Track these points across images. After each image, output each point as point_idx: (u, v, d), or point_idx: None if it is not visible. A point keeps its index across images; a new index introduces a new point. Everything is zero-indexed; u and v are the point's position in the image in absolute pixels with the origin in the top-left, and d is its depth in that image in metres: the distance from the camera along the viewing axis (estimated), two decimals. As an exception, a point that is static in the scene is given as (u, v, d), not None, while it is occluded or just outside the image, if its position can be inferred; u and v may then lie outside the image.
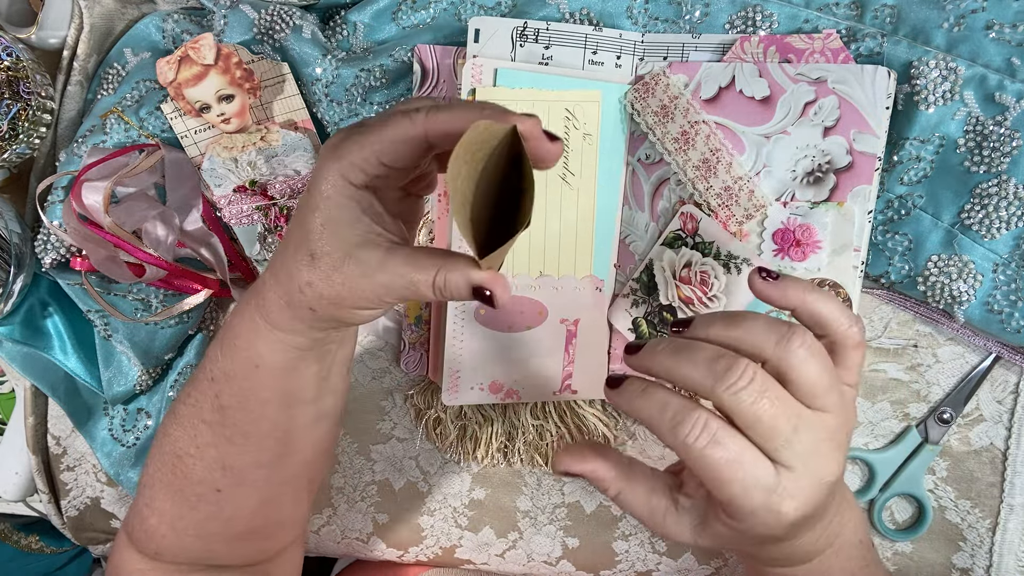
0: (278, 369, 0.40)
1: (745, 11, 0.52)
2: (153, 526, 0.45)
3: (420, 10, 0.54)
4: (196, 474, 0.43)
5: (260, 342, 0.39)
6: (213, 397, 0.42)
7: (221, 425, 0.42)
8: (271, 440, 0.43)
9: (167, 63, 0.53)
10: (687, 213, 0.52)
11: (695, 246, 0.53)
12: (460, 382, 0.55)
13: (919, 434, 0.56)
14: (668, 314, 0.54)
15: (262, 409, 0.41)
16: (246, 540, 0.47)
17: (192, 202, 0.57)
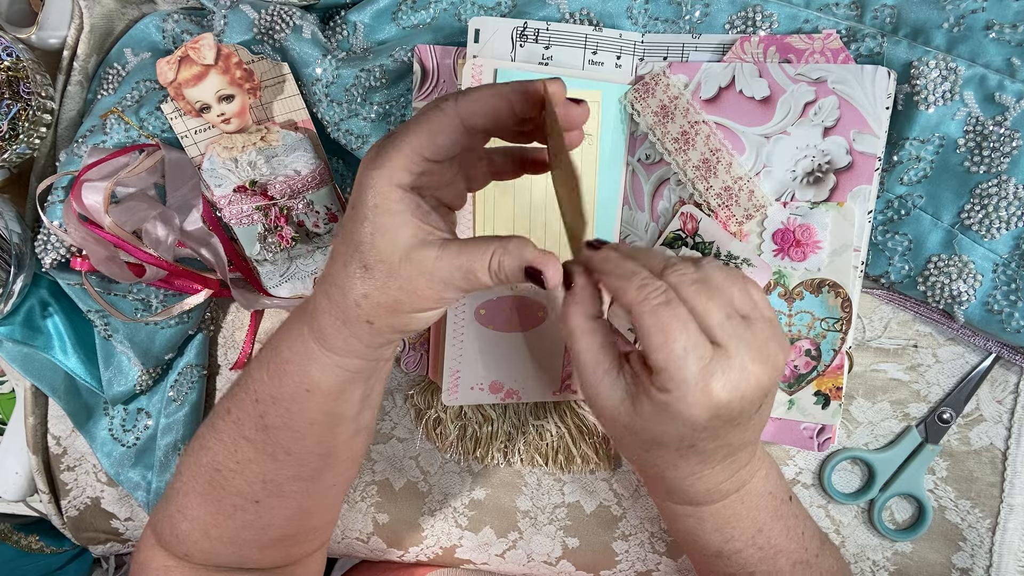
0: (330, 394, 0.40)
1: (745, 11, 0.52)
2: (185, 531, 0.45)
3: (420, 10, 0.54)
4: (235, 487, 0.44)
5: (314, 368, 0.39)
6: (258, 417, 0.42)
7: (264, 443, 0.42)
8: (313, 456, 0.43)
9: (167, 63, 0.53)
10: (687, 213, 0.52)
11: (695, 246, 0.52)
12: (460, 382, 0.55)
13: (919, 434, 0.56)
14: None
15: (308, 429, 0.42)
16: (279, 546, 0.47)
17: (192, 202, 0.57)
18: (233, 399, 0.43)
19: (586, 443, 0.59)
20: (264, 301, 0.60)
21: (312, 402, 0.41)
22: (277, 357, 0.41)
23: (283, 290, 0.61)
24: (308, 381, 0.40)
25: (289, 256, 0.60)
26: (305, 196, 0.58)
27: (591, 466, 0.60)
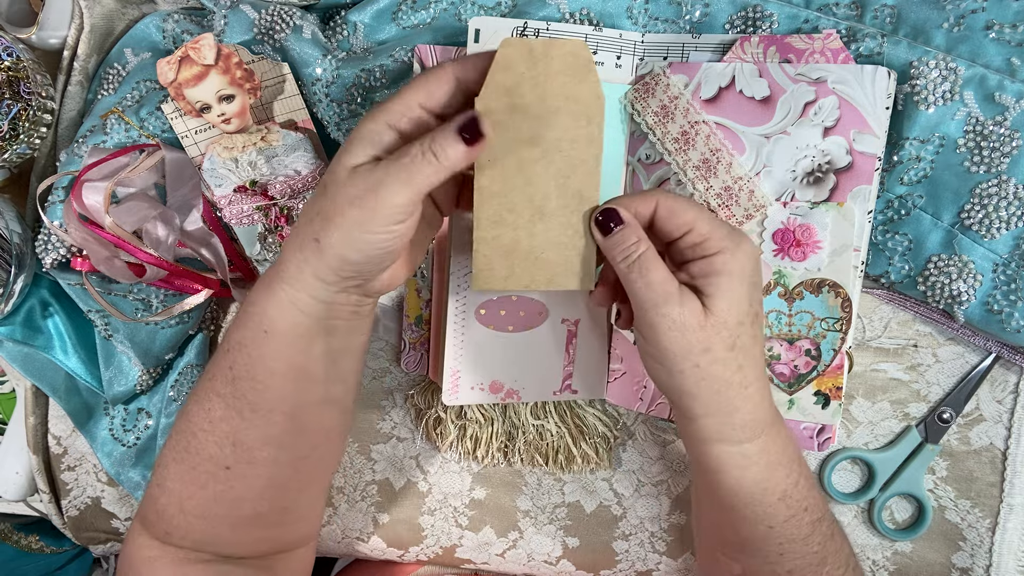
0: (286, 337, 0.42)
1: (745, 11, 0.52)
2: (163, 505, 0.46)
3: (420, 10, 0.54)
4: (207, 450, 0.44)
5: (271, 306, 0.41)
6: (227, 369, 0.43)
7: (233, 397, 0.43)
8: (278, 415, 0.44)
9: (167, 63, 0.53)
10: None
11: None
12: (460, 382, 0.55)
13: (919, 434, 0.56)
14: None
15: (270, 379, 0.43)
16: (251, 526, 0.47)
17: (192, 202, 0.57)
18: (212, 359, 0.45)
19: (586, 443, 0.59)
20: (264, 301, 0.60)
21: (271, 346, 0.42)
22: (245, 304, 0.43)
23: (283, 290, 0.61)
24: (265, 321, 0.42)
25: (289, 256, 0.60)
26: (305, 196, 0.58)
27: (591, 466, 0.60)
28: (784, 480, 0.43)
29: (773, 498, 0.43)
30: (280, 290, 0.41)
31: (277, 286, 0.41)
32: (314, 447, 0.47)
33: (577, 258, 0.42)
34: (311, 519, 0.52)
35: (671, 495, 0.61)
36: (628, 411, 0.60)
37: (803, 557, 0.44)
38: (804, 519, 0.44)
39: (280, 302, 0.41)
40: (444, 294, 0.54)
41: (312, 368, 0.44)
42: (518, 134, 0.40)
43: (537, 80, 0.39)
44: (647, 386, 0.57)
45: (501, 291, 0.45)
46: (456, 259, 0.53)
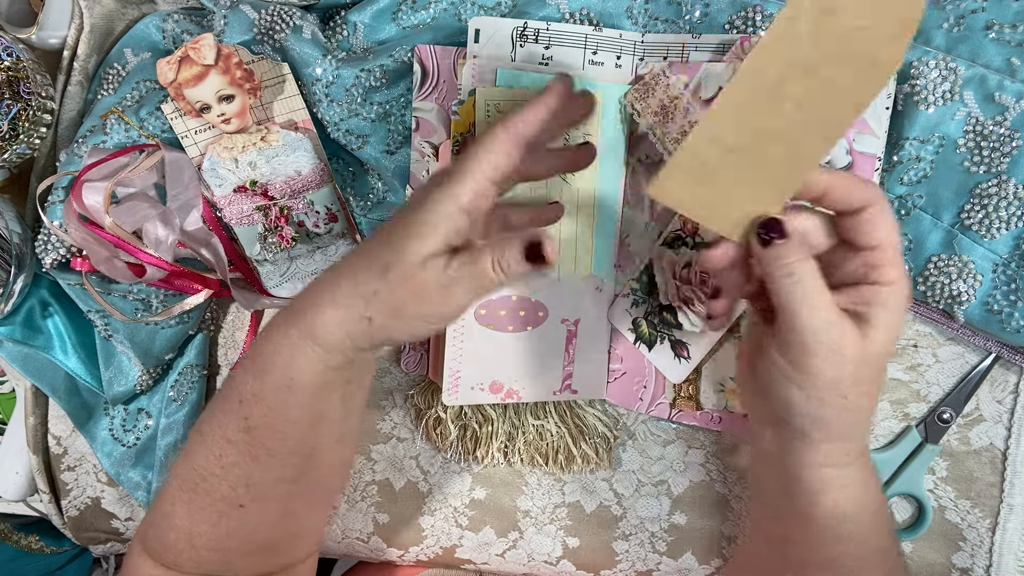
0: (311, 389, 0.41)
1: (745, 11, 0.52)
2: (172, 541, 0.46)
3: (420, 10, 0.54)
4: (219, 492, 0.44)
5: (298, 361, 0.41)
6: (241, 419, 0.42)
7: (248, 444, 0.43)
8: (297, 458, 0.44)
9: (167, 63, 0.53)
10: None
11: (695, 246, 0.52)
12: (460, 382, 0.55)
13: (919, 434, 0.56)
14: (668, 314, 0.54)
15: (291, 429, 0.42)
16: (263, 554, 0.47)
17: (192, 202, 0.57)
18: (218, 405, 0.44)
19: (586, 443, 0.59)
20: (264, 301, 0.61)
21: (294, 398, 0.41)
22: (261, 356, 0.42)
23: (283, 290, 0.61)
24: (290, 375, 0.41)
25: (289, 256, 0.60)
26: (305, 196, 0.58)
27: (591, 466, 0.60)
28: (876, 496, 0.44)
29: (867, 515, 0.43)
30: (310, 349, 0.40)
31: (307, 345, 0.40)
32: (328, 479, 0.48)
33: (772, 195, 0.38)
34: (317, 536, 0.52)
35: (671, 495, 0.61)
36: (628, 411, 0.60)
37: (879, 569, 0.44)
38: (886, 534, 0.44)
39: (309, 360, 0.40)
40: (444, 294, 0.54)
41: (331, 412, 0.44)
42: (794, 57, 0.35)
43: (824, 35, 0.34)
44: (647, 386, 0.57)
45: (669, 207, 0.41)
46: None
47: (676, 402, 0.57)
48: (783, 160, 0.38)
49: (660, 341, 0.55)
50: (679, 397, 0.57)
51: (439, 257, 0.38)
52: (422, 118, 0.55)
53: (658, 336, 0.55)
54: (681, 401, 0.57)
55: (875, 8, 0.34)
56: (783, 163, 0.38)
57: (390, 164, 0.56)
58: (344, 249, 0.60)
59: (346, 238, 0.60)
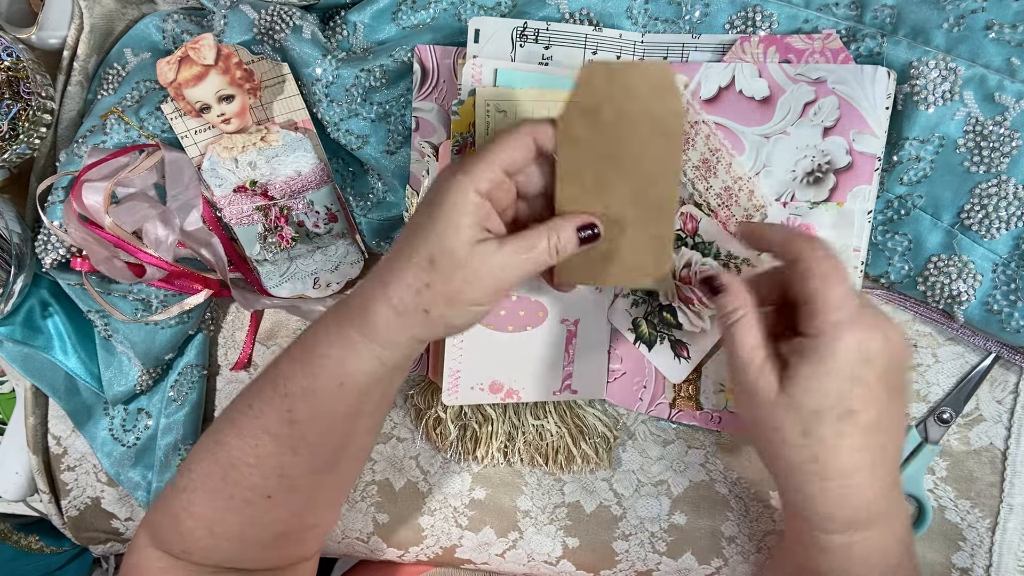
0: (361, 387, 0.42)
1: (745, 11, 0.52)
2: (189, 528, 0.46)
3: (420, 10, 0.54)
4: (251, 481, 0.44)
5: (352, 360, 0.41)
6: (285, 411, 0.43)
7: (289, 437, 0.43)
8: (330, 450, 0.44)
9: (167, 63, 0.53)
10: (687, 213, 0.52)
11: (695, 246, 0.53)
12: (460, 382, 0.55)
13: (919, 434, 0.56)
14: (668, 314, 0.54)
15: (334, 423, 0.43)
16: (279, 544, 0.48)
17: (192, 202, 0.57)
18: (256, 395, 0.44)
19: (586, 443, 0.59)
20: (264, 301, 0.61)
21: (344, 395, 0.42)
22: (313, 352, 0.43)
23: (283, 290, 0.61)
24: (343, 374, 0.42)
25: (289, 256, 0.60)
26: (305, 196, 0.58)
27: (591, 466, 0.60)
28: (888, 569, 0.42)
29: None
30: (365, 347, 0.41)
31: (362, 344, 0.41)
32: (352, 468, 0.49)
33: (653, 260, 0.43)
34: (328, 531, 0.53)
35: (671, 495, 0.61)
36: (628, 411, 0.60)
37: None
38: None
39: (363, 358, 0.41)
40: (444, 294, 0.55)
41: (371, 407, 0.44)
42: (595, 150, 0.41)
43: (616, 98, 0.39)
44: (647, 386, 0.57)
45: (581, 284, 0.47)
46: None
47: (676, 402, 0.57)
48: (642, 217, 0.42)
49: (660, 341, 0.55)
50: (679, 397, 0.57)
51: (487, 242, 0.39)
52: (422, 118, 0.55)
53: (658, 336, 0.55)
54: (681, 401, 0.57)
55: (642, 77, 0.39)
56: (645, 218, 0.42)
57: (390, 164, 0.56)
58: (344, 249, 0.60)
59: (346, 238, 0.60)
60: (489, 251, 0.39)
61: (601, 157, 0.41)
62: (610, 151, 0.41)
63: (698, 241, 0.52)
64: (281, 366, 0.44)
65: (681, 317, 0.54)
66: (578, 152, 0.41)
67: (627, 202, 0.42)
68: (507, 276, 0.39)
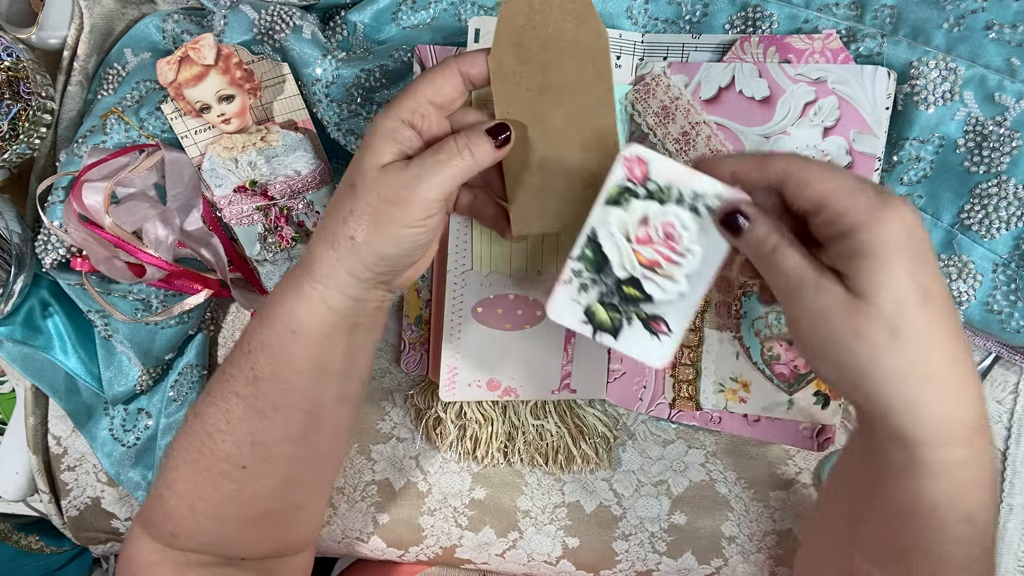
0: (313, 335, 0.43)
1: (745, 11, 0.52)
2: (172, 507, 0.46)
3: (420, 10, 0.54)
4: (224, 450, 0.45)
5: (300, 304, 0.42)
6: (248, 369, 0.44)
7: (254, 397, 0.44)
8: (299, 412, 0.44)
9: (167, 63, 0.53)
10: (632, 156, 0.40)
11: (649, 195, 0.41)
12: (457, 378, 0.55)
13: (919, 434, 0.56)
14: (630, 288, 0.42)
15: (294, 379, 0.43)
16: (261, 525, 0.47)
17: (192, 202, 0.57)
18: (229, 360, 0.45)
19: (586, 443, 0.59)
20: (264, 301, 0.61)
21: (298, 346, 0.43)
22: (270, 303, 0.44)
23: (283, 290, 0.61)
24: (294, 321, 0.42)
25: (289, 256, 0.60)
26: (305, 196, 0.58)
27: (591, 466, 0.60)
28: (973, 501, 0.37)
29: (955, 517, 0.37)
30: (311, 289, 0.42)
31: (307, 285, 0.42)
32: (328, 444, 0.48)
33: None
34: (315, 519, 0.52)
35: (671, 495, 0.61)
36: (628, 411, 0.60)
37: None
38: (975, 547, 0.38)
39: (310, 301, 0.42)
40: (443, 293, 0.54)
41: (334, 366, 0.44)
42: (530, 85, 0.41)
43: (539, 30, 0.40)
44: (647, 386, 0.57)
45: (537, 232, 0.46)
46: (453, 256, 0.53)
47: (676, 402, 0.57)
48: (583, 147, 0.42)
49: (627, 323, 0.43)
50: (679, 397, 0.57)
51: (400, 161, 0.40)
52: (422, 118, 0.55)
53: (622, 318, 0.43)
54: (681, 401, 0.57)
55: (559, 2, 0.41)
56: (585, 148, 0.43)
57: (390, 164, 0.56)
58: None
59: (346, 238, 0.60)
60: (401, 167, 0.40)
61: (535, 90, 0.41)
62: (542, 83, 0.41)
63: (652, 189, 0.41)
64: (248, 325, 0.45)
65: (648, 286, 0.42)
66: (513, 87, 0.41)
67: (568, 136, 0.42)
68: (424, 188, 0.39)
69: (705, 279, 0.40)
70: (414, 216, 0.40)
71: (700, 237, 0.40)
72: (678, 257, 0.41)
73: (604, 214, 0.41)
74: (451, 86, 0.41)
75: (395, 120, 0.40)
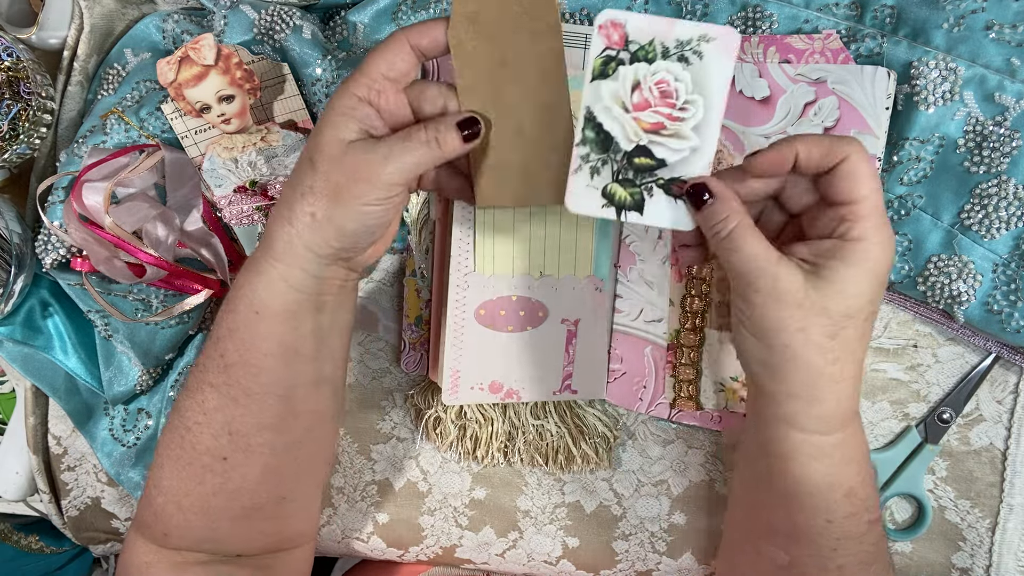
0: (277, 315, 0.42)
1: (745, 11, 0.52)
2: (160, 505, 0.46)
3: (420, 10, 0.54)
4: (204, 443, 0.45)
5: (261, 284, 0.42)
6: (219, 357, 0.44)
7: (227, 385, 0.44)
8: (272, 398, 0.44)
9: (167, 63, 0.53)
10: (606, 22, 0.40)
11: (634, 59, 0.40)
12: (460, 382, 0.55)
13: (919, 434, 0.56)
14: (642, 158, 0.41)
15: (263, 362, 0.43)
16: (250, 518, 0.47)
17: (192, 202, 0.57)
18: (202, 352, 0.46)
19: (586, 443, 0.59)
20: (264, 301, 0.60)
21: (263, 327, 0.43)
22: (233, 290, 0.44)
23: (283, 290, 0.61)
24: (256, 301, 0.42)
25: (289, 256, 0.60)
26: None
27: (591, 466, 0.60)
28: (853, 477, 0.42)
29: (839, 493, 0.42)
30: (270, 267, 0.42)
31: (266, 264, 0.42)
32: (308, 430, 0.48)
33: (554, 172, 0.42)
34: (308, 514, 0.52)
35: (671, 495, 0.61)
36: (628, 411, 0.60)
37: (855, 555, 0.43)
38: (863, 518, 0.43)
39: (271, 280, 0.42)
40: (444, 294, 0.54)
41: (303, 347, 0.44)
42: (489, 59, 0.41)
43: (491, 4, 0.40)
44: (647, 386, 0.57)
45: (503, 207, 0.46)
46: (455, 259, 0.53)
47: (676, 402, 0.57)
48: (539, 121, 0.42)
49: (648, 195, 0.42)
50: (679, 397, 0.57)
51: (366, 140, 0.40)
52: (422, 118, 0.55)
53: (642, 190, 0.42)
54: (681, 401, 0.57)
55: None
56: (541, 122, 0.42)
57: (390, 164, 0.56)
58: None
59: (346, 238, 0.60)
60: (367, 145, 0.39)
61: (493, 65, 0.41)
62: (500, 58, 0.41)
63: (635, 51, 0.40)
64: (217, 315, 0.45)
65: (659, 151, 0.41)
66: (472, 63, 0.41)
67: (526, 109, 0.42)
68: (389, 169, 0.39)
69: (714, 125, 0.40)
70: (376, 195, 0.40)
71: (696, 85, 0.40)
72: (680, 112, 0.40)
73: (595, 90, 0.41)
74: (403, 60, 0.41)
75: (351, 97, 0.40)
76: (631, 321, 0.56)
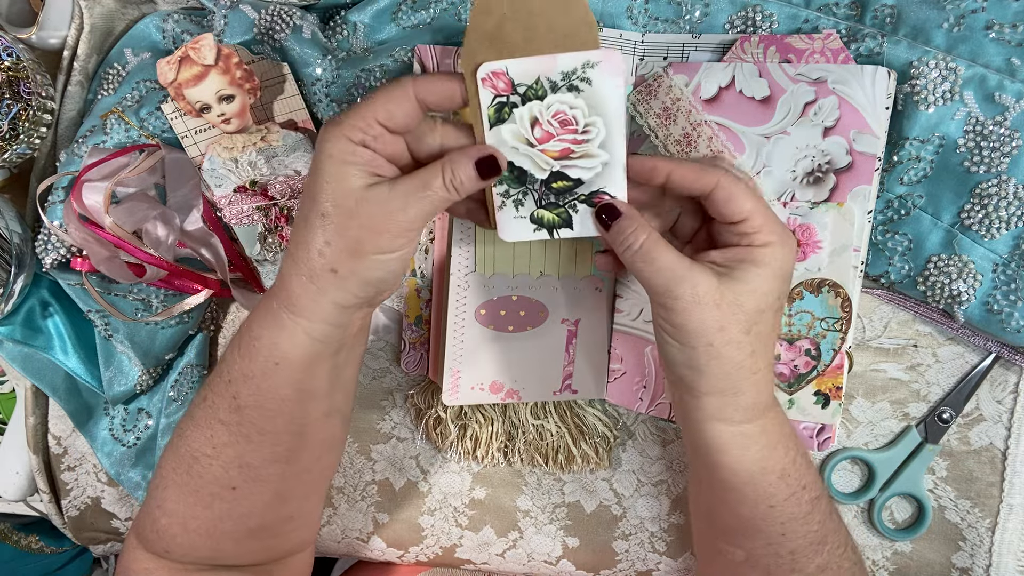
0: (298, 365, 0.42)
1: (745, 11, 0.52)
2: (164, 526, 0.46)
3: (420, 10, 0.54)
4: (212, 473, 0.44)
5: (283, 338, 0.41)
6: (231, 398, 0.43)
7: (239, 424, 0.43)
8: (287, 435, 0.44)
9: (167, 63, 0.53)
10: (487, 74, 0.40)
11: (525, 99, 0.41)
12: (460, 382, 0.55)
13: (919, 434, 0.56)
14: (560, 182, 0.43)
15: (280, 406, 0.43)
16: (255, 538, 0.47)
17: (192, 202, 0.57)
18: (208, 385, 0.45)
19: (586, 443, 0.59)
20: (264, 301, 0.60)
21: (281, 376, 0.42)
22: (248, 335, 0.42)
23: (283, 290, 0.61)
24: (277, 353, 0.41)
25: (289, 256, 0.60)
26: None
27: (591, 466, 0.60)
28: (783, 458, 0.43)
29: (773, 476, 0.43)
30: (293, 323, 0.41)
31: (288, 319, 0.41)
32: (318, 458, 0.48)
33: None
34: (312, 524, 0.52)
35: (671, 495, 0.61)
36: (628, 411, 0.60)
37: (804, 536, 0.44)
38: (804, 497, 0.44)
39: (293, 335, 0.41)
40: (444, 294, 0.54)
41: (319, 387, 0.44)
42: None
43: (519, 18, 0.38)
44: (647, 386, 0.57)
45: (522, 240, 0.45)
46: (456, 259, 0.53)
47: (676, 402, 0.57)
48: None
49: (574, 211, 0.43)
50: (679, 397, 0.57)
51: (378, 186, 0.38)
52: (422, 118, 0.55)
53: (567, 209, 0.44)
54: (681, 401, 0.57)
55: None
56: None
57: (390, 164, 0.56)
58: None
59: (346, 238, 0.60)
60: (382, 194, 0.38)
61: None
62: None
63: (524, 91, 0.41)
64: (226, 354, 0.44)
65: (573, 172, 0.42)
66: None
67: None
68: (408, 217, 0.38)
69: (618, 137, 0.41)
70: (398, 242, 0.39)
71: (593, 108, 0.41)
72: (583, 136, 0.41)
73: (496, 135, 0.42)
74: (404, 112, 0.38)
75: (346, 142, 0.38)
76: (631, 321, 0.56)
